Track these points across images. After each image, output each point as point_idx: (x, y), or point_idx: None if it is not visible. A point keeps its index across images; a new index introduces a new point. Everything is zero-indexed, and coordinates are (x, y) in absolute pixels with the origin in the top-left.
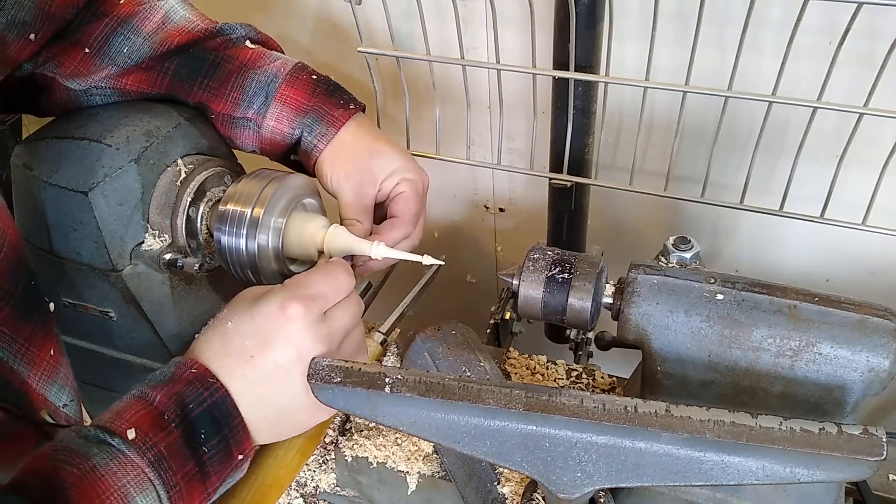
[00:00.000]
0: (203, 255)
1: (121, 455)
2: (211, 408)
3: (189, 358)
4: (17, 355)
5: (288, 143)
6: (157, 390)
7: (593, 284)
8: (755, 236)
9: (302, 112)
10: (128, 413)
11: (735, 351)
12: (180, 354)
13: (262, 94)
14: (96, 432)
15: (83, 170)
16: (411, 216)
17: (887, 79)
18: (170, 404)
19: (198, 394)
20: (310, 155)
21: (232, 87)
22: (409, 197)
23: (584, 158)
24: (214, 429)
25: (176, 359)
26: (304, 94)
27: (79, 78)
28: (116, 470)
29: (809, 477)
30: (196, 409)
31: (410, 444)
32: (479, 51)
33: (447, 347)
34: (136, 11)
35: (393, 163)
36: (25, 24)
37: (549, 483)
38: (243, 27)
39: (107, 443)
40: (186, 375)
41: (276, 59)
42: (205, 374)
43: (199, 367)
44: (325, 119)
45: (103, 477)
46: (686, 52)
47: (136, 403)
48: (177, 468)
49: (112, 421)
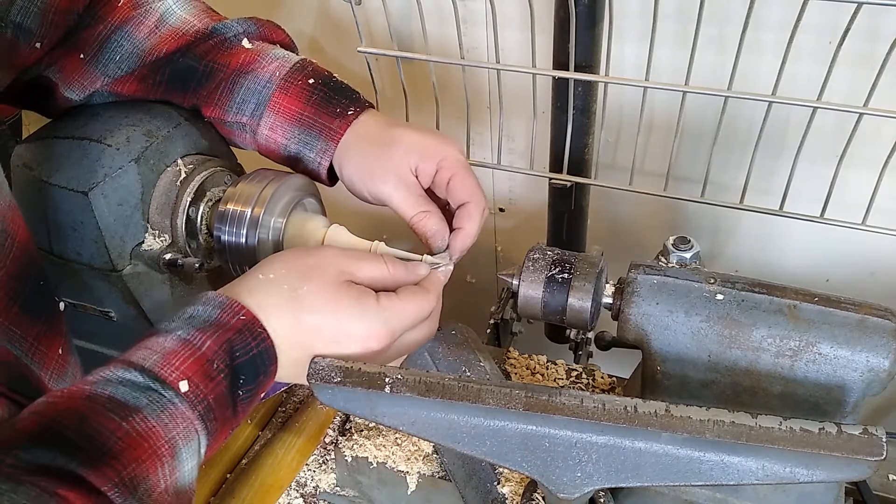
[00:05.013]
0: (203, 255)
1: (172, 407)
2: (255, 356)
3: (232, 299)
4: (28, 353)
5: (283, 154)
6: (206, 335)
7: (593, 284)
8: (755, 236)
9: (296, 123)
10: (176, 358)
11: (735, 351)
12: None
13: (253, 101)
14: (145, 380)
15: (83, 170)
16: (472, 195)
17: (887, 79)
18: (220, 352)
19: (246, 343)
20: (318, 174)
21: (222, 93)
22: (458, 173)
23: (584, 158)
24: (253, 375)
25: (215, 297)
26: (299, 102)
27: (76, 88)
28: (168, 422)
29: (809, 477)
30: (242, 357)
31: (410, 444)
32: (479, 51)
33: (447, 347)
34: (132, 16)
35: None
36: (31, 32)
37: (549, 483)
38: (240, 23)
39: (158, 393)
40: (235, 323)
41: (272, 60)
42: (253, 323)
43: (248, 314)
44: (325, 134)
45: (154, 429)
46: (686, 52)
47: (183, 347)
48: (218, 416)
49: (161, 366)
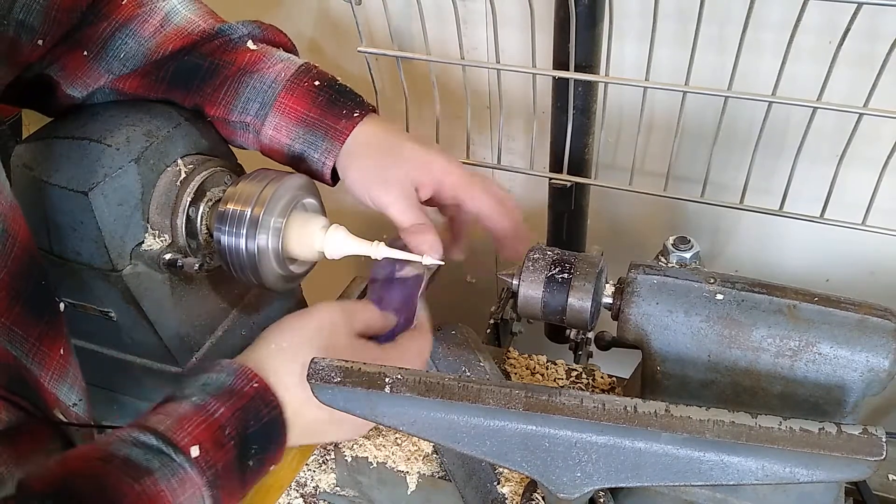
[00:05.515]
0: (203, 255)
1: (182, 472)
2: (266, 424)
3: (246, 367)
4: (29, 354)
5: (287, 154)
6: (220, 402)
7: (593, 284)
8: (755, 236)
9: (301, 123)
10: (189, 424)
11: (735, 351)
12: (217, 357)
13: (257, 100)
14: (158, 443)
15: (83, 170)
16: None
17: (887, 79)
18: (232, 419)
19: (257, 410)
20: (322, 174)
21: (226, 92)
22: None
23: (584, 158)
24: (264, 444)
25: (231, 364)
26: (305, 103)
27: (79, 85)
28: (176, 487)
29: (809, 477)
30: (254, 426)
31: (410, 444)
32: (479, 51)
33: (447, 347)
34: (137, 14)
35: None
36: (34, 29)
37: (549, 483)
38: (245, 25)
39: (170, 457)
40: (249, 390)
41: (277, 61)
42: (266, 391)
43: (261, 381)
44: (331, 134)
45: (163, 493)
46: (686, 52)
47: (196, 413)
48: (225, 484)
49: (174, 431)
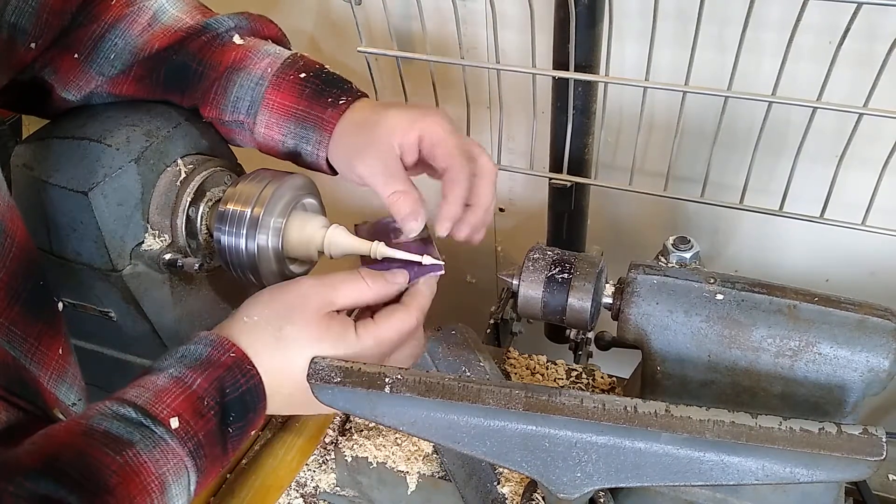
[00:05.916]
0: (203, 255)
1: (163, 443)
2: (244, 393)
3: (223, 337)
4: (28, 354)
5: (282, 150)
6: (197, 373)
7: (593, 284)
8: (755, 236)
9: (291, 118)
10: (167, 396)
11: (735, 351)
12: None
13: (247, 99)
14: (137, 416)
15: (83, 170)
16: (452, 159)
17: (887, 79)
18: (210, 390)
19: (235, 380)
20: (318, 165)
21: (217, 92)
22: (439, 139)
23: (584, 158)
24: (243, 412)
25: (207, 336)
26: (292, 97)
27: (73, 88)
28: (158, 458)
29: (809, 477)
30: (232, 394)
31: (410, 444)
32: (479, 51)
33: (447, 347)
34: (125, 14)
35: (397, 119)
36: (26, 31)
37: (549, 483)
38: (232, 18)
39: (150, 429)
40: (226, 360)
41: (264, 56)
42: (243, 360)
43: (238, 351)
44: (319, 125)
45: (145, 464)
46: (686, 52)
47: (174, 385)
48: (208, 453)
49: (152, 404)
